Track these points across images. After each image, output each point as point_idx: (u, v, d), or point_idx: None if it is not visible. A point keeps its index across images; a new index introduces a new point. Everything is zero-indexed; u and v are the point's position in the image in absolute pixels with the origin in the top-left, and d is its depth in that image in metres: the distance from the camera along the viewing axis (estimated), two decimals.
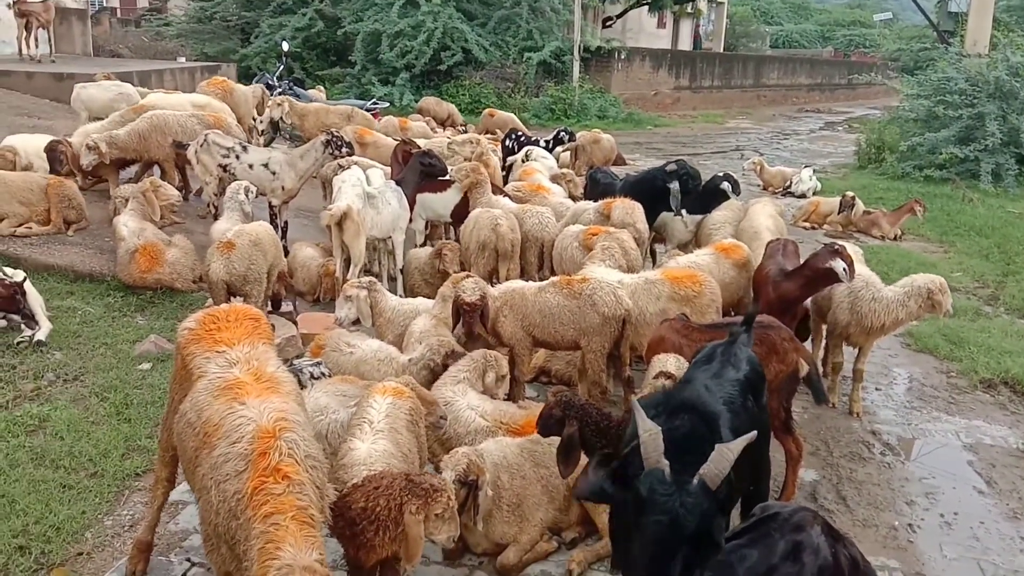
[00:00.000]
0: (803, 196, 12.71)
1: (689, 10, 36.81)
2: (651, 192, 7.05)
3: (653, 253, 7.73)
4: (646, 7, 31.83)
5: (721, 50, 40.73)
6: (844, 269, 4.67)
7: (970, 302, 7.65)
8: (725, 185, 7.18)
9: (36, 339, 5.19)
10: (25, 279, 5.37)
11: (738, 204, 7.16)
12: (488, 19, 22.36)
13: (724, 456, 2.24)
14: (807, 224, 11.03)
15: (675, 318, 4.35)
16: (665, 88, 27.99)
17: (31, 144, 7.69)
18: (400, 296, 6.04)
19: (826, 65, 38.28)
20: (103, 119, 9.00)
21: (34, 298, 5.38)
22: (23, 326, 5.26)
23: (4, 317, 5.26)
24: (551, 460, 3.78)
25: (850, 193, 10.79)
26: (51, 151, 7.20)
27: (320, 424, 3.75)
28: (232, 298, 5.40)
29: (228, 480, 2.43)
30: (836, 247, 4.82)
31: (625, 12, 31.99)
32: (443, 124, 15.04)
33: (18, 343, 5.15)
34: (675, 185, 6.80)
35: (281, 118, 9.90)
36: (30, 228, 6.62)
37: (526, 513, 3.69)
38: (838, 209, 10.79)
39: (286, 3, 22.06)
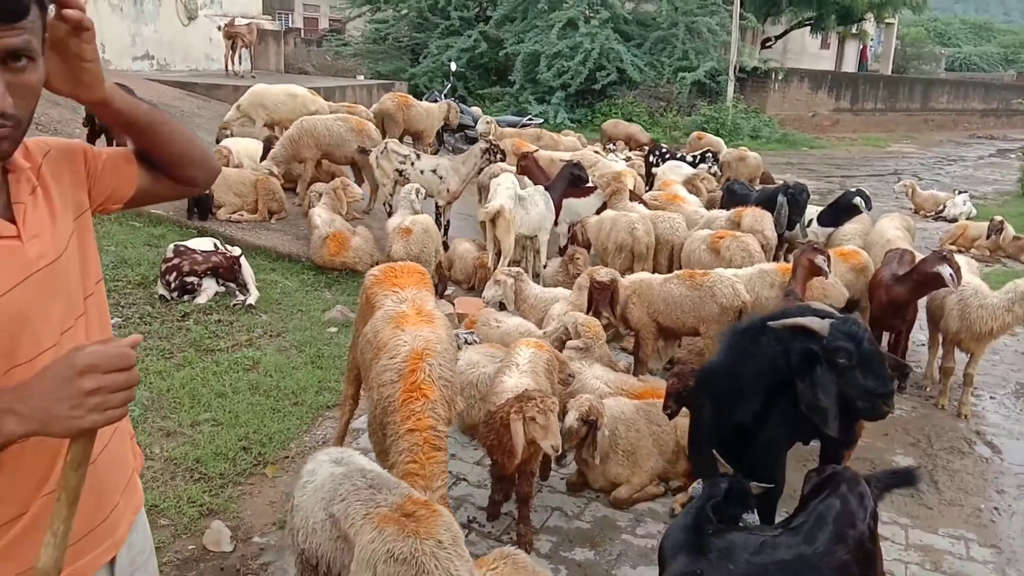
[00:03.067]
0: (955, 220, 12.56)
1: (854, 31, 35.90)
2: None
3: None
4: (808, 28, 31.46)
5: (889, 72, 39.39)
6: (951, 275, 5.04)
7: None
8: (857, 200, 7.55)
9: (247, 303, 6.37)
10: (241, 255, 6.59)
11: (868, 219, 7.51)
12: (644, 40, 23.01)
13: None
14: (954, 247, 10.95)
15: (788, 297, 4.89)
16: (824, 110, 27.59)
17: (242, 146, 9.14)
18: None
19: (1003, 89, 36.15)
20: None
21: (247, 271, 6.59)
22: (237, 292, 6.46)
23: (224, 284, 6.47)
24: (663, 420, 4.46)
25: (998, 217, 10.67)
26: (267, 142, 8.71)
27: (472, 375, 4.58)
28: None
29: (385, 385, 3.33)
30: (944, 254, 5.20)
31: (786, 33, 31.73)
32: (623, 142, 14.81)
33: (234, 305, 6.33)
34: (781, 198, 7.28)
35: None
36: (241, 215, 7.95)
37: (638, 460, 4.38)
38: (986, 234, 10.70)
39: (453, 25, 23.55)
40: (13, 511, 1.41)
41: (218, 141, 9.61)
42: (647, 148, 12.67)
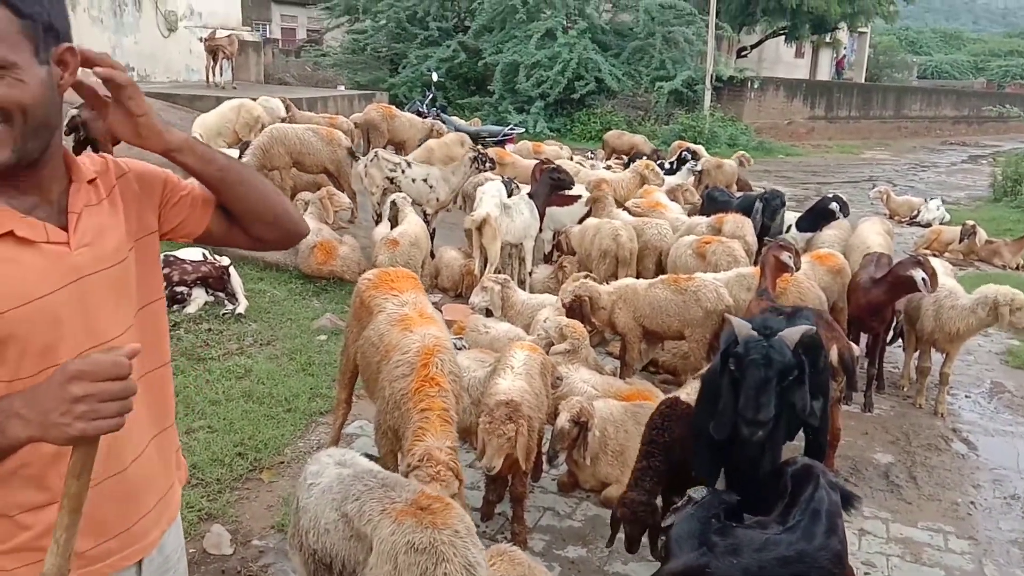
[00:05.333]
0: (928, 226, 12.83)
1: (828, 40, 36.44)
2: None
3: None
4: (783, 37, 31.93)
5: (863, 80, 40.01)
6: (923, 279, 5.20)
7: None
8: (834, 205, 7.74)
9: (237, 312, 6.42)
10: (230, 264, 6.64)
11: (847, 223, 7.70)
12: (622, 49, 23.27)
13: (794, 330, 3.09)
14: (928, 252, 11.19)
15: (763, 298, 5.00)
16: (799, 118, 27.99)
17: None
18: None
19: (974, 97, 36.85)
20: None
21: (236, 280, 6.64)
22: (227, 302, 6.51)
23: (213, 294, 6.51)
24: None
25: (970, 222, 10.95)
26: (242, 148, 8.69)
27: (463, 379, 4.68)
28: None
29: (397, 380, 3.44)
30: (919, 258, 5.37)
31: (761, 42, 32.19)
32: (625, 154, 14.38)
33: (223, 314, 6.38)
34: (758, 204, 7.48)
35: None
36: None
37: (627, 460, 4.47)
38: (959, 238, 10.96)
39: (432, 35, 23.67)
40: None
41: None
42: (628, 156, 12.84)
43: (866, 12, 29.89)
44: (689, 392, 4.14)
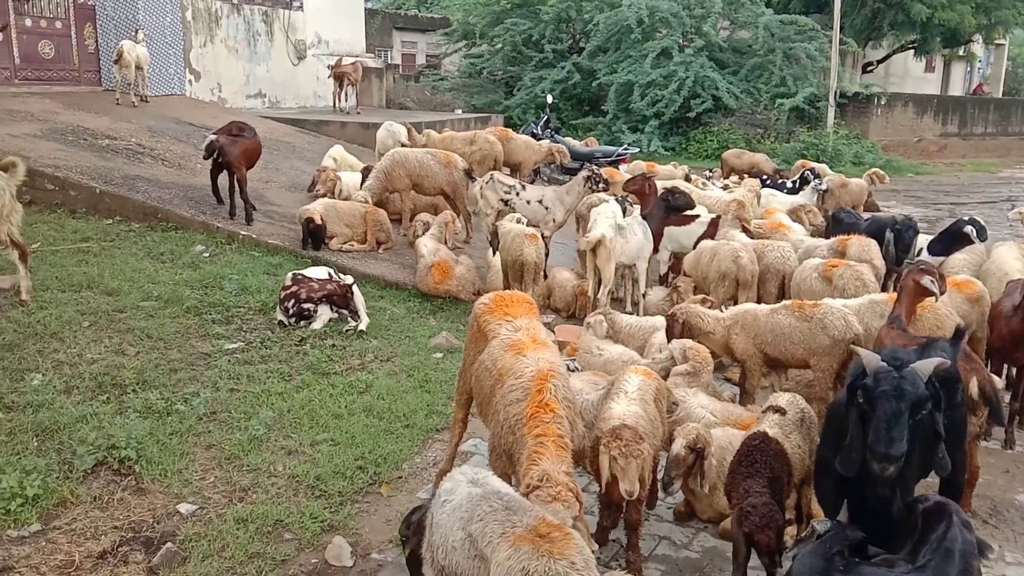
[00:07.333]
0: None
1: (961, 53, 34.57)
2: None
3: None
4: (911, 51, 30.54)
5: (1000, 95, 37.72)
6: None
7: None
8: (969, 229, 7.32)
9: (359, 329, 6.64)
10: (353, 283, 6.88)
11: (981, 248, 7.25)
12: (740, 67, 22.80)
13: (928, 362, 2.99)
14: None
15: (893, 326, 4.75)
16: (930, 135, 26.63)
17: (350, 179, 9.57)
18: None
19: None
20: None
21: (359, 298, 6.86)
22: (350, 319, 6.74)
23: (337, 311, 6.76)
24: None
25: None
26: (364, 172, 9.12)
27: (576, 402, 4.67)
28: None
29: (512, 405, 3.46)
30: None
31: (888, 57, 30.88)
32: (746, 173, 13.76)
33: (346, 331, 6.61)
34: (889, 233, 7.14)
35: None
36: (352, 246, 8.31)
37: None
38: None
39: (547, 58, 23.87)
40: None
41: (312, 186, 9.63)
42: (749, 175, 12.55)
43: (1004, 22, 28.20)
44: (770, 426, 3.99)
